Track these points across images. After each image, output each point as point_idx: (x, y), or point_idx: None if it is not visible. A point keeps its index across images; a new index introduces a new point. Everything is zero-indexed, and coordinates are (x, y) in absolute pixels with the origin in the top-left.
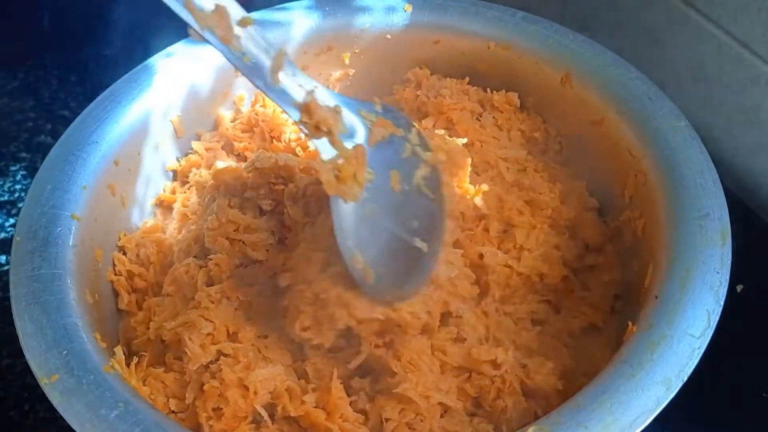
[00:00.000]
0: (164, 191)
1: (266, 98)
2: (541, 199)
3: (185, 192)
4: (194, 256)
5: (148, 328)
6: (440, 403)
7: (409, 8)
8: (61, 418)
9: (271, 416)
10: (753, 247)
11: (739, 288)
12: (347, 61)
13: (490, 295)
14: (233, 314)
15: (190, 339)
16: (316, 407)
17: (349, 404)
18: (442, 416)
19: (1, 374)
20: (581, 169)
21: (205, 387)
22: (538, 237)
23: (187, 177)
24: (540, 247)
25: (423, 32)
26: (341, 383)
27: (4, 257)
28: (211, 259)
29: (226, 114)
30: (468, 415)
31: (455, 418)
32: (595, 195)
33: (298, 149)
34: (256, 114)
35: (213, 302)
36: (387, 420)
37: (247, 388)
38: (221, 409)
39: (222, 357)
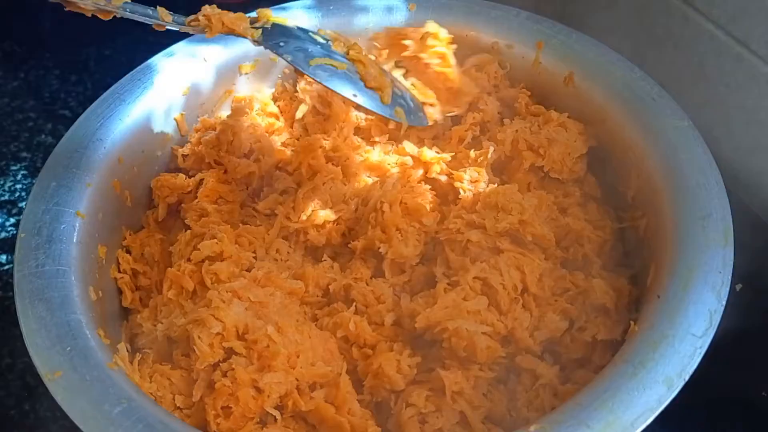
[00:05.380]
0: None
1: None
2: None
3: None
4: None
5: (155, 325)
6: (461, 412)
7: (413, 7)
8: (62, 416)
9: (281, 411)
10: (752, 246)
11: (738, 287)
12: None
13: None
14: (244, 314)
15: (199, 337)
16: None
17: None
18: (458, 423)
19: (1, 373)
20: None
21: (217, 385)
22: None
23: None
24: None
25: None
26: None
27: (4, 256)
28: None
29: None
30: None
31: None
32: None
33: None
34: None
35: (224, 301)
36: (408, 405)
37: (259, 390)
38: (230, 408)
39: (234, 356)
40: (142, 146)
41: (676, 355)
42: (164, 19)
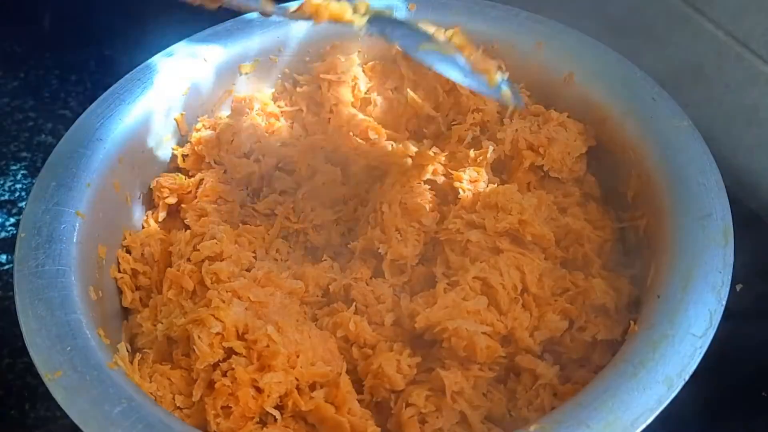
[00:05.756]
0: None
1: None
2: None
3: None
4: None
5: (155, 325)
6: (461, 412)
7: (413, 7)
8: (62, 416)
9: (280, 411)
10: (752, 246)
11: (738, 287)
12: None
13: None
14: (244, 314)
15: (199, 337)
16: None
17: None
18: (458, 423)
19: (1, 373)
20: None
21: (217, 385)
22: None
23: (190, 173)
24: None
25: None
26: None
27: (4, 256)
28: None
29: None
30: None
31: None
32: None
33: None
34: None
35: (224, 301)
36: (408, 405)
37: (259, 390)
38: (230, 407)
39: (234, 356)
40: (142, 146)
41: (676, 355)
42: (266, 8)
